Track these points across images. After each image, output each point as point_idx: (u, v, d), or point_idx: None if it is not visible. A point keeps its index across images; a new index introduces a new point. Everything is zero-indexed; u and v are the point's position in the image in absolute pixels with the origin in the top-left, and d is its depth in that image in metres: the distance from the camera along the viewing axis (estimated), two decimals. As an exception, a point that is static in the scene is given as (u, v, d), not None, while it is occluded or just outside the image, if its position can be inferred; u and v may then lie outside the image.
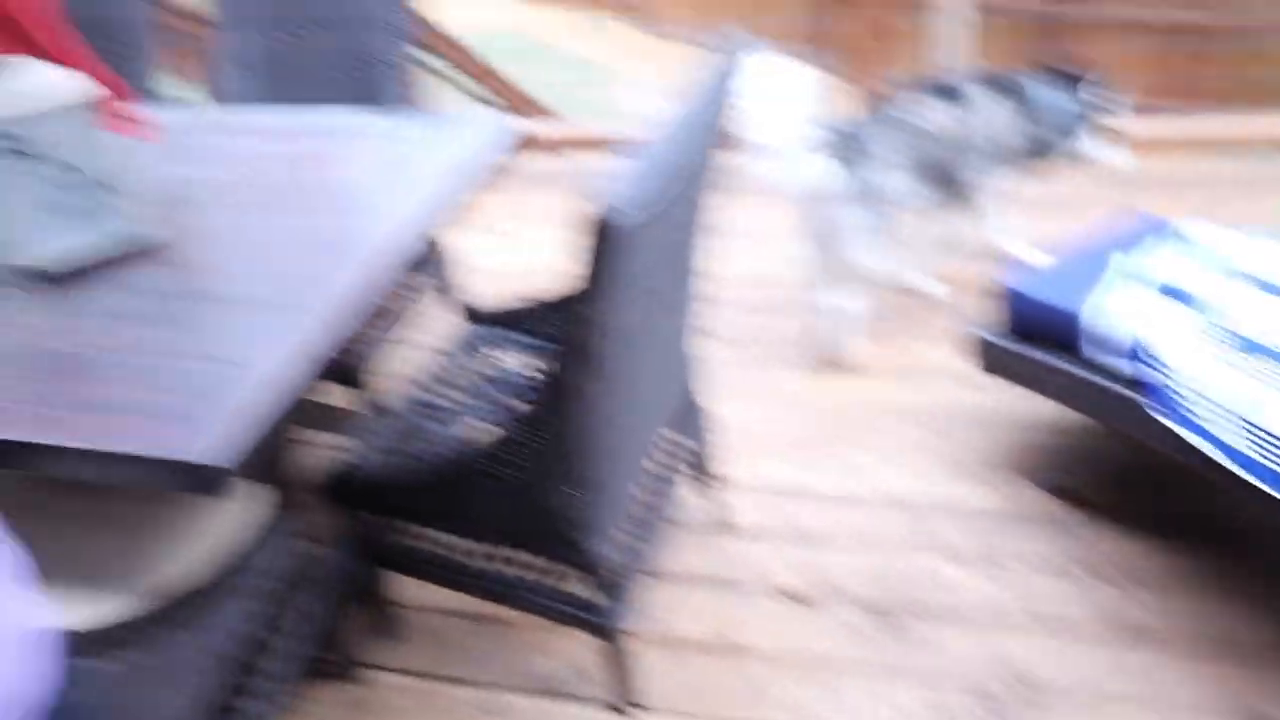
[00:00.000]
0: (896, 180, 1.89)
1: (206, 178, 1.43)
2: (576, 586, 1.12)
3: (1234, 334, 1.34)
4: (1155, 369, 1.37)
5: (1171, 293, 1.46)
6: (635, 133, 0.93)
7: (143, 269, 1.15)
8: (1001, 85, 2.04)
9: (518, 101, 5.10)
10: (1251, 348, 1.29)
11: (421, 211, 1.22)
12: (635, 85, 6.29)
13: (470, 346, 1.43)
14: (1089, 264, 1.58)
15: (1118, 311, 1.43)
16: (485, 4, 6.67)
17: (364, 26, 1.87)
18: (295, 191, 1.41)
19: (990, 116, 1.99)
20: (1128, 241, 1.64)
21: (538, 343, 1.40)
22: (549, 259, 1.80)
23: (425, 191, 1.27)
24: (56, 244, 1.06)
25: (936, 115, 1.95)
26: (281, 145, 1.56)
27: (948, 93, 1.99)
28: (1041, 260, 1.78)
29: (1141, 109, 2.29)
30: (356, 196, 1.35)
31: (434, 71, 4.75)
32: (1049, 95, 2.05)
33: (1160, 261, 1.55)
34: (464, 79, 4.92)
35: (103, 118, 1.05)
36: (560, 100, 4.79)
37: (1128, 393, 1.39)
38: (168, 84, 2.19)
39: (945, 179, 1.98)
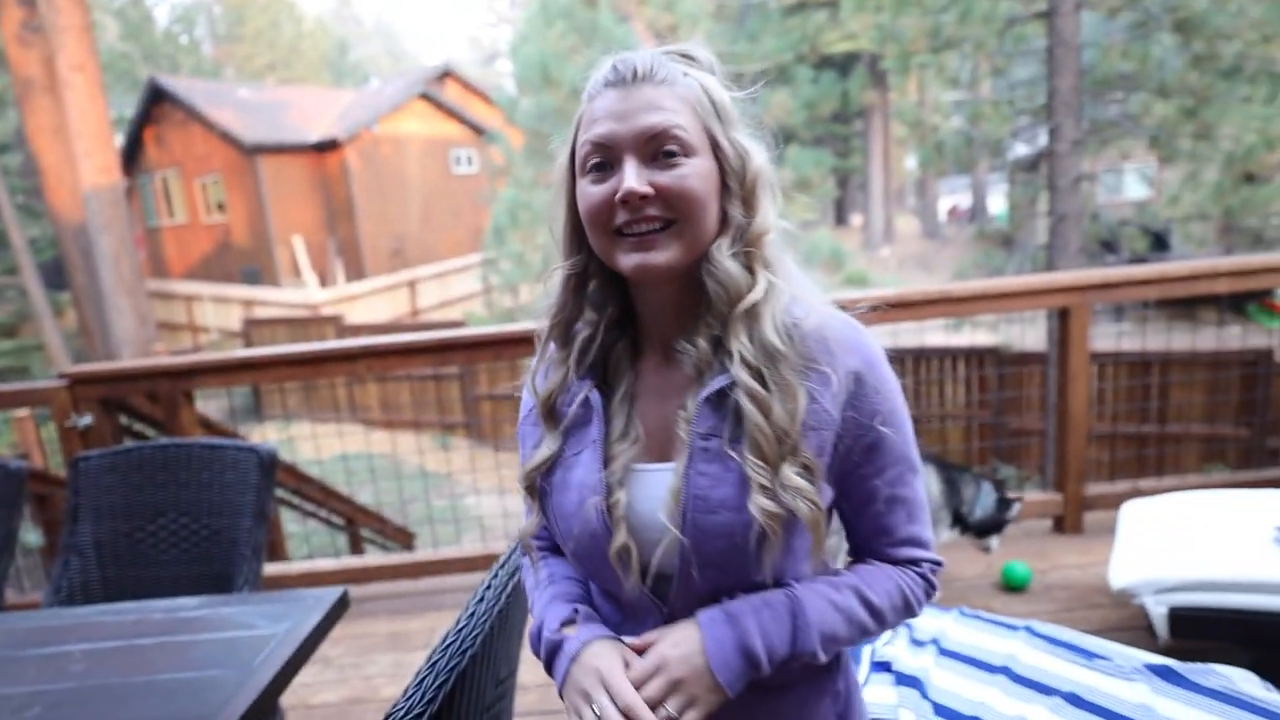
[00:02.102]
0: None
1: (24, 692, 1.31)
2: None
3: (952, 711, 1.54)
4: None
5: (904, 680, 1.65)
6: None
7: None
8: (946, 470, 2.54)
9: (365, 519, 5.58)
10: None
11: (260, 694, 1.22)
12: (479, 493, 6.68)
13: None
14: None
15: (873, 701, 1.59)
16: (334, 434, 6.95)
17: (219, 512, 1.90)
18: (119, 698, 1.29)
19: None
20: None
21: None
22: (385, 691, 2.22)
23: (263, 676, 1.25)
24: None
25: None
26: (115, 643, 1.47)
27: None
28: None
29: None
30: (193, 689, 1.27)
31: (295, 508, 5.00)
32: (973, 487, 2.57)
33: (898, 651, 1.76)
34: (320, 509, 5.18)
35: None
36: (410, 510, 5.22)
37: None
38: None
39: None
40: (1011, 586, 2.77)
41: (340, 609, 1.54)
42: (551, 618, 0.89)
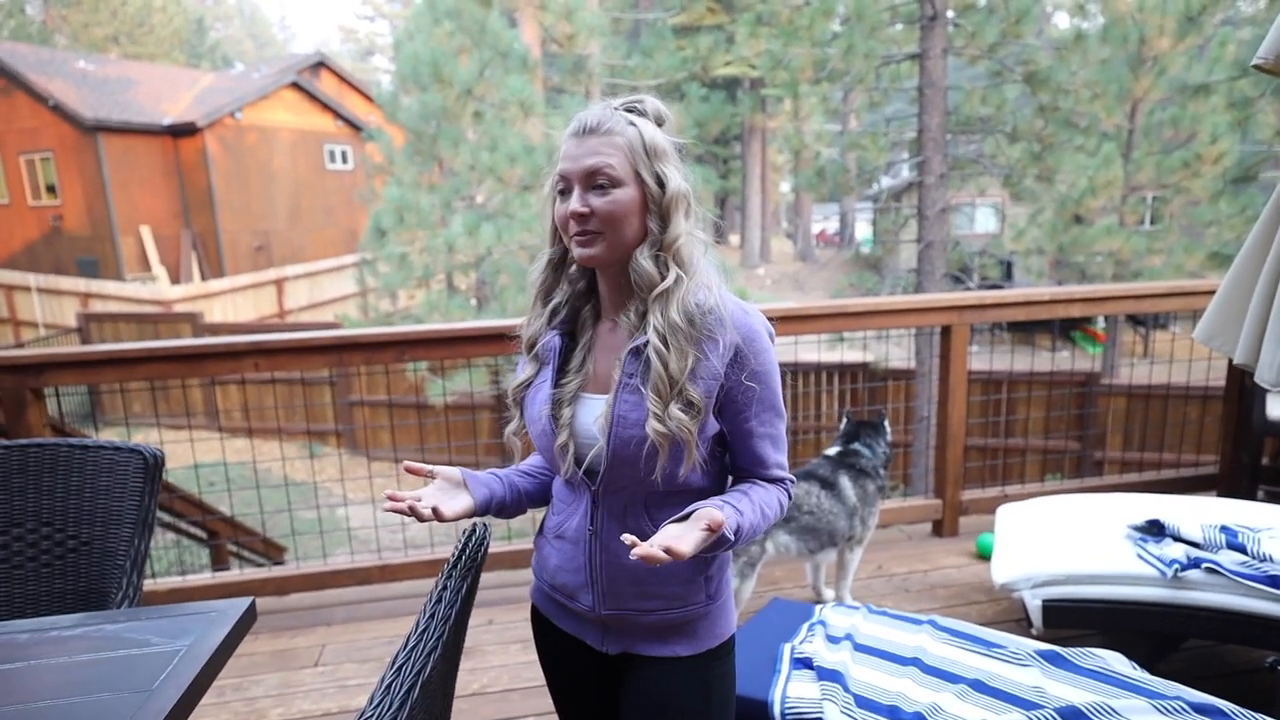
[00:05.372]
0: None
1: None
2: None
3: (872, 702, 1.65)
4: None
5: (826, 674, 1.76)
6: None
7: None
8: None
9: (232, 532, 5.28)
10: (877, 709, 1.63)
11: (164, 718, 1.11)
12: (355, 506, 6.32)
13: None
14: (766, 654, 1.88)
15: (798, 696, 1.70)
16: (188, 440, 6.01)
17: (90, 521, 1.75)
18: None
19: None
20: (789, 631, 2.00)
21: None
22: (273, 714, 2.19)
23: (166, 698, 1.14)
24: None
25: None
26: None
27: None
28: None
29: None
30: (78, 717, 1.14)
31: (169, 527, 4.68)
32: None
33: (817, 647, 1.88)
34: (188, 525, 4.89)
35: None
36: (277, 522, 4.92)
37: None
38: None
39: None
40: (986, 556, 3.15)
41: (248, 622, 1.44)
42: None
